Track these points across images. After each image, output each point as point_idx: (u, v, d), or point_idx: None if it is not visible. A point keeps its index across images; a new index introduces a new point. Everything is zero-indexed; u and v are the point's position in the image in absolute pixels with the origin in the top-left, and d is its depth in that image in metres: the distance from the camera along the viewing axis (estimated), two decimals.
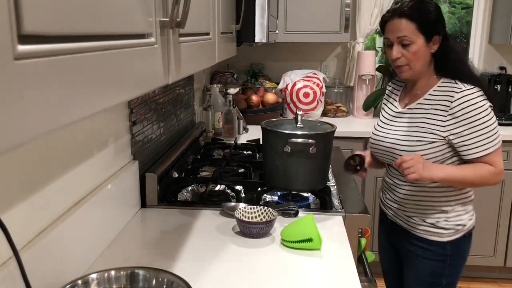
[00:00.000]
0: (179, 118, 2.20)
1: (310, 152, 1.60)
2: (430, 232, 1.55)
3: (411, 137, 1.51)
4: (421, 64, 1.49)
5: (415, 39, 1.45)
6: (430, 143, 1.47)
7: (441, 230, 1.54)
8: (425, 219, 1.56)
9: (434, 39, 1.47)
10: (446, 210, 1.54)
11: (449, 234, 1.55)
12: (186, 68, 0.91)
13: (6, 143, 0.35)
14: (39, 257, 0.97)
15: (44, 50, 0.39)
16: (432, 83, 1.52)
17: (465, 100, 1.42)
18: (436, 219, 1.54)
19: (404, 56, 1.47)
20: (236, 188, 1.75)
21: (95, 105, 0.50)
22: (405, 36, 1.45)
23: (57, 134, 1.09)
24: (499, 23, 3.19)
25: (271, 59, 3.49)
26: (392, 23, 1.48)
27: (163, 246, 1.34)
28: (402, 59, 1.48)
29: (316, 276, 1.18)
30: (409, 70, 1.50)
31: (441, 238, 1.55)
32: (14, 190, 0.93)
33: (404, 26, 1.45)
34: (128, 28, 0.59)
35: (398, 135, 1.55)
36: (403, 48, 1.47)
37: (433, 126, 1.47)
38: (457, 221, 1.54)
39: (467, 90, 1.43)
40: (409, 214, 1.59)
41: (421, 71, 1.51)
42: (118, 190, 1.40)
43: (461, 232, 1.55)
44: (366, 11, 3.24)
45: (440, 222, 1.54)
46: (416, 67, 1.49)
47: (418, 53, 1.46)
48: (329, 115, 3.26)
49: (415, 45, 1.45)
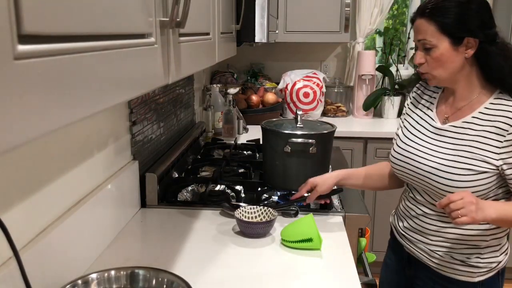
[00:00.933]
0: (179, 118, 2.20)
1: (310, 152, 1.60)
2: (459, 271, 1.30)
3: (458, 164, 1.23)
4: (448, 72, 1.24)
5: (437, 42, 1.21)
6: (480, 173, 1.21)
7: (472, 268, 1.29)
8: (453, 255, 1.30)
9: (466, 41, 1.20)
10: (479, 246, 1.28)
11: (481, 273, 1.29)
12: (186, 68, 0.91)
13: (6, 143, 0.35)
14: (39, 257, 0.97)
15: (44, 50, 0.39)
16: (482, 98, 1.25)
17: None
18: (466, 256, 1.29)
19: (427, 62, 1.25)
20: (236, 188, 1.75)
21: (95, 105, 0.50)
22: (425, 40, 1.22)
23: (57, 134, 1.09)
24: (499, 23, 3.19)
25: (271, 59, 3.49)
26: (415, 24, 1.26)
27: (163, 246, 1.34)
28: (425, 66, 1.26)
29: (316, 276, 1.18)
30: (433, 78, 1.27)
31: (471, 278, 1.30)
32: (14, 190, 0.93)
33: (424, 28, 1.22)
34: (128, 28, 0.59)
35: (439, 160, 1.26)
36: (427, 53, 1.24)
37: (486, 152, 1.20)
38: (491, 258, 1.30)
39: None
40: (433, 249, 1.32)
41: (453, 79, 1.26)
42: (118, 190, 1.40)
43: (494, 270, 1.31)
44: (366, 11, 3.24)
45: (471, 260, 1.28)
46: (441, 75, 1.24)
47: (441, 59, 1.22)
48: (329, 115, 3.26)
49: (437, 50, 1.21)
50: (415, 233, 1.37)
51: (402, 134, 1.40)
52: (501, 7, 3.17)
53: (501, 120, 1.19)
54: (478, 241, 1.28)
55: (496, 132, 1.20)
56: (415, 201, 1.36)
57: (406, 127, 1.40)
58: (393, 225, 1.50)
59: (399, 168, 1.38)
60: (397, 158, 1.38)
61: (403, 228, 1.42)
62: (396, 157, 1.39)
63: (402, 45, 3.40)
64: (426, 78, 1.29)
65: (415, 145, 1.34)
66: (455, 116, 1.29)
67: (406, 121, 1.42)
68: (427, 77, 1.28)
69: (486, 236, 1.27)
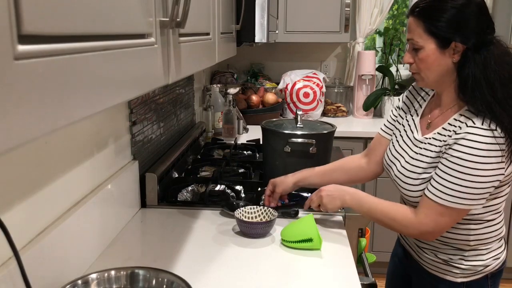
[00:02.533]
0: (179, 118, 2.20)
1: (310, 152, 1.60)
2: (442, 269, 1.30)
3: (415, 174, 1.25)
4: (434, 75, 1.20)
5: (424, 43, 1.17)
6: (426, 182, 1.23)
7: (455, 269, 1.28)
8: (437, 254, 1.30)
9: (454, 45, 1.15)
10: (464, 249, 1.27)
11: (465, 275, 1.28)
12: (186, 68, 0.91)
13: (6, 143, 0.35)
14: (39, 257, 0.97)
15: (44, 50, 0.39)
16: (453, 110, 1.22)
17: (469, 139, 1.12)
18: (449, 256, 1.28)
19: (415, 62, 1.22)
20: (236, 188, 1.75)
21: (95, 105, 0.50)
22: (412, 40, 1.20)
23: (57, 134, 1.09)
24: (499, 23, 3.19)
25: (271, 59, 3.49)
26: (407, 22, 1.23)
27: (163, 246, 1.34)
28: (414, 66, 1.23)
29: (316, 276, 1.18)
30: (421, 80, 1.24)
31: (453, 278, 1.29)
32: (14, 190, 0.93)
33: (413, 27, 1.20)
34: (128, 28, 0.59)
35: (404, 169, 1.29)
36: (415, 53, 1.21)
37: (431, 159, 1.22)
38: (475, 261, 1.27)
39: (481, 129, 1.11)
40: (421, 245, 1.35)
41: (440, 83, 1.22)
42: (118, 190, 1.40)
43: (481, 273, 1.28)
44: (366, 11, 3.24)
45: (454, 260, 1.28)
46: (429, 77, 1.21)
47: (427, 60, 1.18)
48: (329, 115, 3.26)
49: (423, 51, 1.18)
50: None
51: (391, 144, 1.40)
52: (501, 7, 3.17)
53: (451, 136, 1.17)
54: (462, 245, 1.26)
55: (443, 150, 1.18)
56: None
57: (396, 136, 1.40)
58: None
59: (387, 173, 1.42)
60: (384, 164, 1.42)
61: None
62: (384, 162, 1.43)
63: (402, 45, 3.40)
64: (416, 79, 1.26)
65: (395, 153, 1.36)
66: (434, 125, 1.27)
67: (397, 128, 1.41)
68: (416, 77, 1.25)
69: (469, 241, 1.25)
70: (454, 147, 1.14)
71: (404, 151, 1.33)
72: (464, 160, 1.12)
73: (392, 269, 1.60)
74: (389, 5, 3.26)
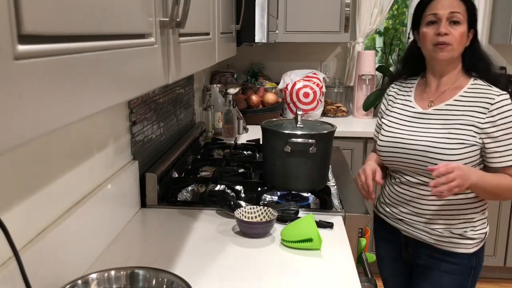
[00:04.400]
0: (179, 118, 2.20)
1: (310, 152, 1.60)
2: (458, 244, 1.46)
3: (450, 140, 1.39)
4: (459, 51, 1.42)
5: (464, 21, 1.39)
6: (471, 145, 1.38)
7: (469, 240, 1.46)
8: (452, 230, 1.45)
9: (472, 31, 1.43)
10: (473, 219, 1.45)
11: (475, 244, 1.47)
12: (186, 68, 0.91)
13: (6, 143, 0.35)
14: (39, 257, 0.97)
15: (44, 50, 0.39)
16: (461, 83, 1.45)
17: (504, 105, 1.37)
18: (463, 229, 1.45)
19: (451, 34, 1.39)
20: (236, 188, 1.75)
21: (95, 105, 0.50)
22: (459, 13, 1.38)
23: (57, 134, 1.09)
24: (499, 23, 3.19)
25: (271, 59, 3.49)
26: (443, 0, 1.40)
27: (163, 246, 1.34)
28: (450, 37, 1.39)
29: (316, 276, 1.18)
30: (451, 50, 1.40)
31: (467, 249, 1.46)
32: (14, 190, 0.93)
33: (457, 5, 1.39)
34: (128, 28, 0.59)
35: (432, 138, 1.41)
36: (451, 28, 1.39)
37: (472, 127, 1.38)
38: (482, 229, 1.48)
39: (504, 95, 1.38)
40: (432, 227, 1.47)
41: (456, 60, 1.45)
42: (118, 190, 1.40)
43: (483, 241, 1.50)
44: (366, 11, 3.24)
45: (468, 232, 1.45)
46: (456, 51, 1.41)
47: (463, 36, 1.40)
48: (329, 115, 3.26)
49: (462, 27, 1.39)
50: (413, 215, 1.49)
51: (386, 125, 1.55)
52: (501, 7, 3.17)
53: (482, 101, 1.39)
54: (470, 214, 1.45)
55: (480, 111, 1.38)
56: (407, 185, 1.49)
57: (389, 119, 1.56)
58: (384, 214, 1.61)
59: (388, 155, 1.51)
60: (385, 146, 1.52)
61: (399, 214, 1.54)
62: (384, 145, 1.52)
63: (402, 45, 3.40)
64: (444, 50, 1.40)
65: (401, 130, 1.49)
66: (439, 100, 1.47)
67: (387, 114, 1.58)
68: (448, 49, 1.40)
69: (476, 208, 1.45)
70: (500, 115, 1.36)
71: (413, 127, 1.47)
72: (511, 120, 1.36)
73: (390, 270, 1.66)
74: (389, 5, 3.26)
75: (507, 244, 2.97)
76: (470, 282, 1.50)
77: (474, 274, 1.50)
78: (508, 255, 2.98)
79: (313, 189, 1.70)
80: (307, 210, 1.59)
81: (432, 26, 1.42)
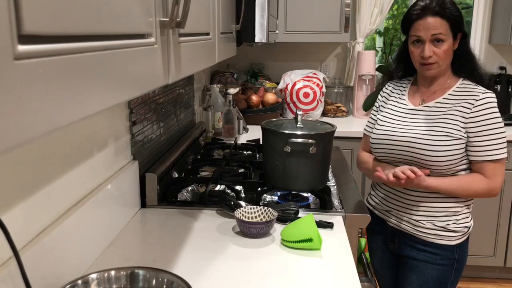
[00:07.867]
0: (179, 118, 2.20)
1: (310, 152, 1.60)
2: (440, 236, 1.52)
3: (437, 132, 1.48)
4: (447, 62, 1.51)
5: (447, 37, 1.46)
6: (456, 139, 1.45)
7: (451, 233, 1.52)
8: (435, 222, 1.52)
9: (458, 36, 1.49)
10: (456, 212, 1.52)
11: (458, 237, 1.53)
12: (186, 68, 0.91)
13: (6, 143, 0.35)
14: (39, 257, 0.97)
15: (44, 50, 0.39)
16: (451, 83, 1.54)
17: (487, 102, 1.44)
18: (446, 222, 1.52)
19: (435, 54, 1.47)
20: (236, 188, 1.75)
21: (95, 105, 0.50)
22: (441, 34, 1.45)
23: (57, 134, 1.09)
24: (499, 23, 3.19)
25: (271, 59, 3.49)
26: (424, 21, 1.46)
27: (163, 246, 1.34)
28: (434, 57, 1.47)
29: (316, 276, 1.18)
30: (437, 68, 1.50)
31: (450, 241, 1.53)
32: (14, 190, 0.93)
33: (439, 25, 1.45)
34: (128, 28, 0.59)
35: (418, 131, 1.51)
36: (435, 46, 1.47)
37: (456, 122, 1.46)
38: (465, 223, 1.54)
39: (489, 93, 1.46)
40: (417, 219, 1.54)
41: (445, 68, 1.53)
42: (118, 190, 1.40)
43: (466, 234, 1.55)
44: (366, 11, 3.24)
45: (450, 225, 1.52)
46: (443, 65, 1.50)
47: (448, 52, 1.48)
48: (329, 115, 3.26)
49: (446, 44, 1.46)
50: (399, 207, 1.58)
51: (380, 120, 1.63)
52: (501, 7, 3.17)
53: (468, 98, 1.47)
54: (454, 208, 1.52)
55: (465, 106, 1.46)
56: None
57: (383, 114, 1.64)
58: (373, 206, 1.70)
59: (380, 147, 1.59)
60: (378, 139, 1.59)
61: (387, 205, 1.62)
62: (377, 137, 1.60)
63: None
64: (431, 68, 1.49)
65: (393, 125, 1.57)
66: (430, 98, 1.56)
67: (381, 111, 1.67)
68: (433, 67, 1.49)
69: (459, 202, 1.52)
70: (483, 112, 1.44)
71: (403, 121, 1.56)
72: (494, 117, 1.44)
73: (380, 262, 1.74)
74: (389, 5, 3.26)
75: (507, 244, 2.97)
76: (453, 274, 1.55)
77: (458, 267, 1.55)
78: (508, 255, 2.98)
79: (313, 189, 1.70)
80: (307, 210, 1.59)
81: (418, 45, 1.50)
